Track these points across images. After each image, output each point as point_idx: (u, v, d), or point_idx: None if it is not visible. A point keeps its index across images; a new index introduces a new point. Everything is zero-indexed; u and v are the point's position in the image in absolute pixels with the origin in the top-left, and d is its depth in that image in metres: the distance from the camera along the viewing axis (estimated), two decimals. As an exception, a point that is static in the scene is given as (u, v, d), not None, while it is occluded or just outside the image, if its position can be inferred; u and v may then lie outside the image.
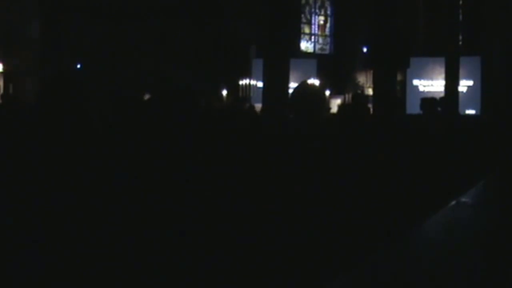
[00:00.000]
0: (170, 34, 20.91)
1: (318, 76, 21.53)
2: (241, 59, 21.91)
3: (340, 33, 26.97)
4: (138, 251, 2.33)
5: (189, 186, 2.58)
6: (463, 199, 2.89)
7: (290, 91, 4.21)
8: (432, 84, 21.90)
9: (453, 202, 2.74)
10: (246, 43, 22.09)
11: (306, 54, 26.03)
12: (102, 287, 2.23)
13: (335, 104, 20.44)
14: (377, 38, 13.22)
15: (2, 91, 16.59)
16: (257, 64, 18.45)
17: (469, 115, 19.86)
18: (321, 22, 27.75)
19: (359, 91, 22.37)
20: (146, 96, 5.36)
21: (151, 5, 20.25)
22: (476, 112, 20.68)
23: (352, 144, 3.46)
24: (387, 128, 5.42)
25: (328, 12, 27.83)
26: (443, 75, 18.58)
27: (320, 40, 27.83)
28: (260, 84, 16.77)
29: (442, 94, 15.41)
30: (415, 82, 22.34)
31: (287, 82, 13.07)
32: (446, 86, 17.59)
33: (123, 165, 2.48)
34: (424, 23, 25.09)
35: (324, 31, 27.83)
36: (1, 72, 17.61)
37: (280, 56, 12.88)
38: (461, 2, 21.51)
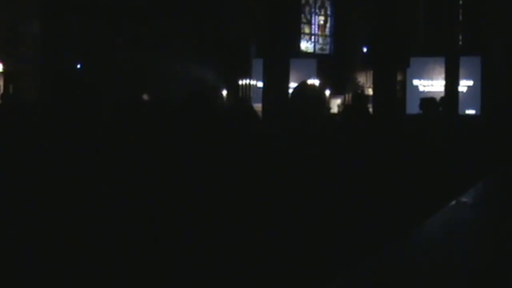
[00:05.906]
0: (170, 34, 20.90)
1: (318, 76, 21.50)
2: (241, 59, 21.88)
3: (340, 33, 26.96)
4: (144, 252, 2.33)
5: (193, 186, 2.59)
6: (463, 199, 2.89)
7: (290, 91, 4.21)
8: (432, 84, 21.87)
9: (453, 202, 2.74)
10: (246, 43, 22.07)
11: (306, 54, 26.00)
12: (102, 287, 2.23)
13: (335, 104, 20.45)
14: (377, 38, 13.22)
15: (2, 91, 16.58)
16: (257, 64, 18.43)
17: (469, 115, 19.85)
18: (321, 22, 27.72)
19: (359, 91, 22.36)
20: (145, 97, 5.35)
21: (151, 5, 20.23)
22: (476, 112, 20.66)
23: (354, 145, 3.46)
24: (386, 128, 5.42)
25: (328, 12, 27.80)
26: (443, 75, 18.55)
27: (320, 40, 27.81)
28: (260, 84, 16.76)
29: (442, 94, 15.40)
30: (415, 82, 22.31)
31: (287, 82, 13.06)
32: (446, 86, 17.56)
33: (126, 165, 2.48)
34: (424, 23, 25.08)
35: (324, 31, 27.81)
36: (1, 72, 17.60)
37: (280, 56, 12.88)
38: (461, 2, 21.48)
